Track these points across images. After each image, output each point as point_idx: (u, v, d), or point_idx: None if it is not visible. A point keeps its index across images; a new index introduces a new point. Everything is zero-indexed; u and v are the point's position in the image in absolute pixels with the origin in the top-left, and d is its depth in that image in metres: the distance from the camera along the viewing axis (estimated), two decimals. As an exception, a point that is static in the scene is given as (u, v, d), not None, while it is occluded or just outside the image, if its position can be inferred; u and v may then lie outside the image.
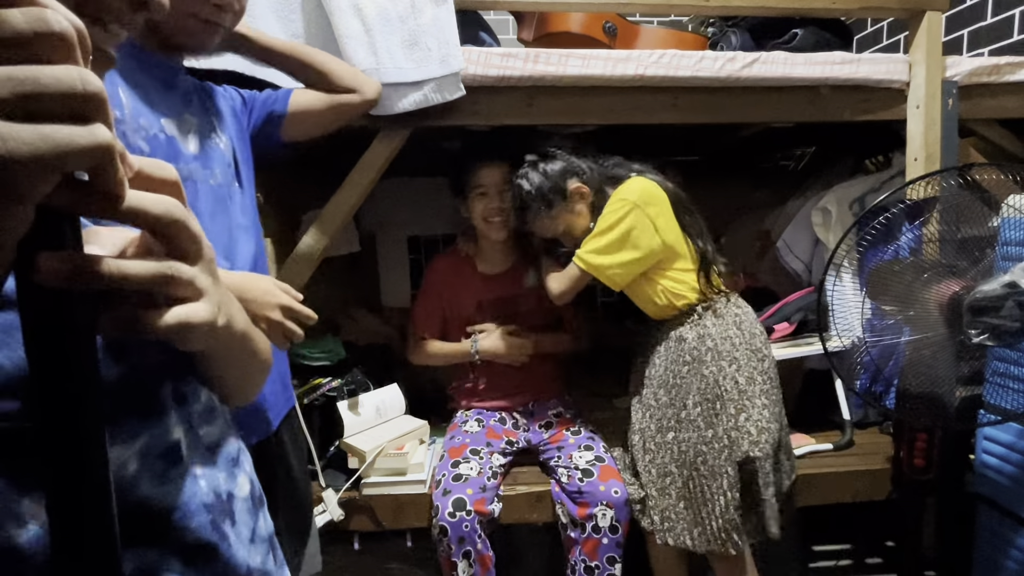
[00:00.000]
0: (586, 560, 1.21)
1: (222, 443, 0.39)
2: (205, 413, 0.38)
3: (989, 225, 1.13)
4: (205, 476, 0.36)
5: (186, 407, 0.37)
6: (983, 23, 1.78)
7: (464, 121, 1.26)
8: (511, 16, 1.86)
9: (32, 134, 0.21)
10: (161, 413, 0.34)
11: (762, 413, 1.15)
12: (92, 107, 0.23)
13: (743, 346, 1.19)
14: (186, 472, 0.35)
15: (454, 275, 1.50)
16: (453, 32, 1.16)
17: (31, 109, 0.21)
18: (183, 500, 0.34)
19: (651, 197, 1.20)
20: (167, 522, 0.33)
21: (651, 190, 1.21)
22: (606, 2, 1.34)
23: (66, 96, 0.22)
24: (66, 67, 0.22)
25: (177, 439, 0.35)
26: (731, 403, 1.15)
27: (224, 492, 0.38)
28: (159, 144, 0.74)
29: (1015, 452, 1.19)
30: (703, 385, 1.17)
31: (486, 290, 1.48)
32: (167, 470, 0.34)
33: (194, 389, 0.38)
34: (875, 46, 2.21)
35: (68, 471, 0.26)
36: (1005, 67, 1.38)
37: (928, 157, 1.34)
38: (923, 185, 1.17)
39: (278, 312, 0.74)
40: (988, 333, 0.94)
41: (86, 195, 0.24)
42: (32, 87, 0.21)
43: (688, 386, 1.19)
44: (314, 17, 1.14)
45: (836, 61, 1.32)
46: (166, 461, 0.34)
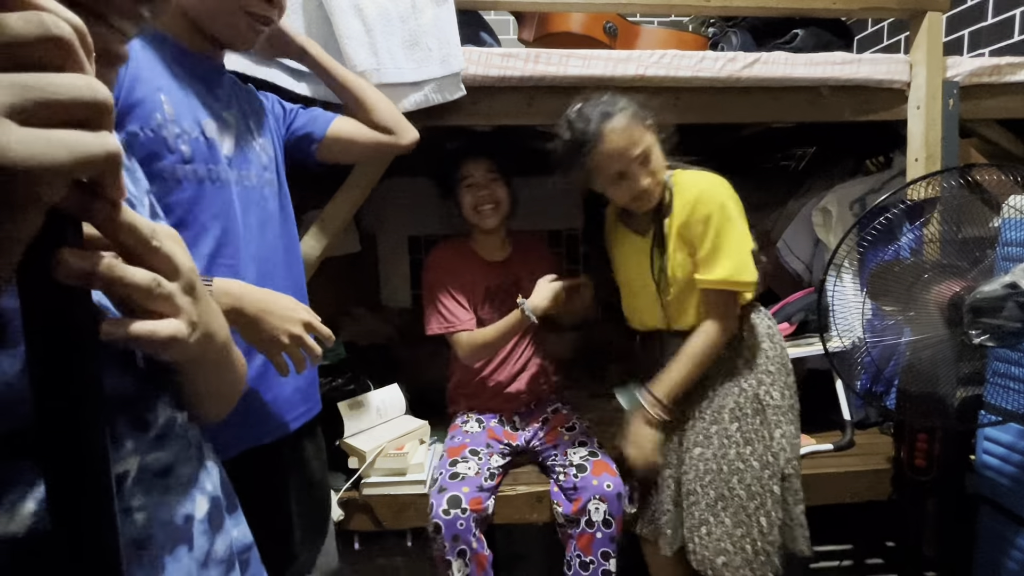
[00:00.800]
0: (581, 555, 1.21)
1: (175, 466, 0.38)
2: (157, 439, 0.37)
3: (990, 226, 1.13)
4: (146, 508, 0.35)
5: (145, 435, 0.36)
6: (984, 23, 1.78)
7: (465, 121, 1.26)
8: (512, 16, 1.86)
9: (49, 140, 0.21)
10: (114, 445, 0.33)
11: (790, 428, 1.12)
12: (100, 114, 0.23)
13: (776, 358, 1.14)
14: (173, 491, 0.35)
15: (457, 262, 1.44)
16: (454, 32, 1.16)
17: (42, 116, 0.21)
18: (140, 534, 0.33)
19: (728, 191, 1.09)
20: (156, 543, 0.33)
21: (722, 184, 1.10)
22: (607, 2, 1.34)
23: (75, 104, 0.22)
24: (75, 75, 0.22)
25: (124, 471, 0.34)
26: (771, 418, 1.10)
27: (181, 516, 0.37)
28: (199, 147, 0.74)
29: (1016, 452, 1.19)
30: (743, 399, 1.11)
31: (492, 276, 1.44)
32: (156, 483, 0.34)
33: (154, 415, 0.37)
34: (876, 46, 2.21)
35: (69, 473, 0.26)
36: (1006, 67, 1.38)
37: (929, 157, 1.34)
38: (924, 185, 1.17)
39: (300, 327, 0.74)
40: (989, 334, 0.94)
41: (90, 200, 0.25)
42: (41, 95, 0.21)
43: (723, 400, 1.12)
44: (315, 17, 1.14)
45: (837, 61, 1.32)
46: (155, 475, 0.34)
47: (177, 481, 0.38)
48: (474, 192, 1.38)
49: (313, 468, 0.94)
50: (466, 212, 1.40)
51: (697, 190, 1.08)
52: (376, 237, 2.18)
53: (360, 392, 1.44)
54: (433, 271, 1.44)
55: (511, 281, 1.46)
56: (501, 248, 1.48)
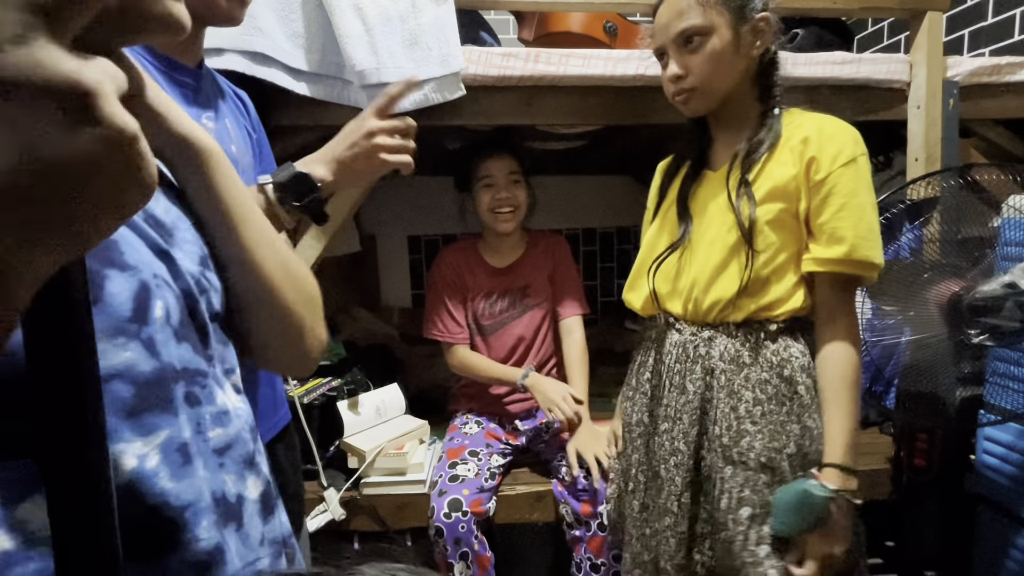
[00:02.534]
0: (592, 558, 1.22)
1: (233, 445, 0.40)
2: (218, 415, 0.39)
3: (990, 225, 1.13)
4: (207, 479, 0.36)
5: (198, 409, 0.37)
6: (984, 23, 1.78)
7: (464, 121, 1.26)
8: (512, 16, 1.86)
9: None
10: (176, 412, 0.35)
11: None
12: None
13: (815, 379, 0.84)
14: (195, 472, 0.35)
15: (463, 267, 1.44)
16: (453, 32, 1.16)
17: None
18: (193, 498, 0.35)
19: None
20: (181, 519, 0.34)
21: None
22: (607, 2, 1.34)
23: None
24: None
25: (186, 439, 0.35)
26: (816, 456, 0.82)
27: (232, 495, 0.38)
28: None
29: (1015, 452, 1.19)
30: (803, 435, 0.82)
31: (495, 283, 1.43)
32: (183, 465, 0.34)
33: (208, 393, 0.38)
34: (876, 46, 2.21)
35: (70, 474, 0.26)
36: (1006, 67, 1.38)
37: (929, 157, 1.34)
38: (923, 185, 1.17)
39: (380, 136, 0.74)
40: (988, 333, 0.94)
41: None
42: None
43: (785, 432, 0.82)
44: (314, 17, 1.14)
45: (837, 61, 1.31)
46: (182, 456, 0.35)
47: (234, 460, 0.39)
48: (493, 193, 1.34)
49: (288, 478, 0.93)
50: (482, 213, 1.37)
51: (831, 129, 0.80)
52: (376, 237, 2.18)
53: (360, 392, 1.44)
54: (436, 276, 1.45)
55: (518, 287, 1.44)
56: (512, 251, 1.45)
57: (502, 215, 1.35)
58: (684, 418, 0.87)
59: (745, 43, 0.81)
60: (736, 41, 0.80)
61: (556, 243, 1.51)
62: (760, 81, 0.85)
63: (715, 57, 0.80)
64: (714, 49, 0.80)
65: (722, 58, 0.80)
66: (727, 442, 0.84)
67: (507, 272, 1.45)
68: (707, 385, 0.86)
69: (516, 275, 1.45)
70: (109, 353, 0.32)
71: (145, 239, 0.36)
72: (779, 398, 0.83)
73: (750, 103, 0.86)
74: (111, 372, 0.32)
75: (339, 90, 1.18)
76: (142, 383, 0.33)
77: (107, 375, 0.31)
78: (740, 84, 0.84)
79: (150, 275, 0.35)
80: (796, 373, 0.83)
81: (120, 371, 0.32)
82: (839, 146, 0.79)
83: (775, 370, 0.83)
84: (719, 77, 0.82)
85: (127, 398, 0.32)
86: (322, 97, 1.17)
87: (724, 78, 0.82)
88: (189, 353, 0.37)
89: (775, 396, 0.83)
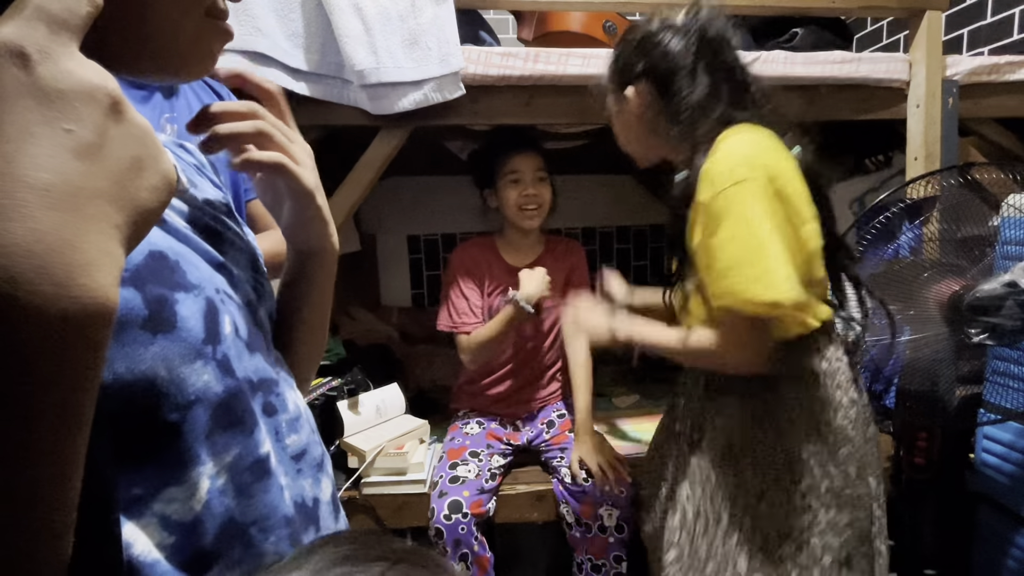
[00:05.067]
0: (592, 559, 1.22)
1: (308, 449, 0.40)
2: (292, 422, 0.39)
3: (989, 224, 1.13)
4: (289, 487, 0.37)
5: (275, 417, 0.38)
6: (983, 22, 1.78)
7: (464, 120, 1.26)
8: (511, 15, 1.86)
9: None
10: (253, 426, 0.35)
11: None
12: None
13: (845, 439, 0.84)
14: (272, 485, 0.36)
15: (479, 263, 1.43)
16: (453, 31, 1.16)
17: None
18: (264, 514, 0.35)
19: (772, 160, 0.77)
20: (246, 535, 0.34)
21: (768, 150, 0.77)
22: (606, 1, 1.34)
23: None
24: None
25: (266, 452, 0.36)
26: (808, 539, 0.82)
27: (310, 499, 0.39)
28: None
29: (1015, 451, 1.19)
30: (770, 500, 0.82)
31: (512, 280, 1.39)
32: (252, 484, 0.35)
33: (282, 400, 0.39)
34: (875, 45, 2.21)
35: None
36: (1005, 66, 1.38)
37: (928, 156, 1.34)
38: (923, 184, 1.17)
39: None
40: (988, 332, 0.94)
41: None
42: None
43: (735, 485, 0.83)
44: (314, 16, 1.14)
45: (836, 60, 1.31)
46: (252, 474, 0.35)
47: (309, 464, 0.40)
48: (520, 190, 1.33)
49: None
50: (508, 209, 1.36)
51: (708, 167, 0.76)
52: (376, 236, 2.18)
53: (360, 392, 1.44)
54: (454, 267, 1.43)
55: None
56: (531, 250, 1.44)
57: (528, 211, 1.34)
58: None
59: (625, 114, 0.90)
60: (619, 115, 0.92)
61: (574, 248, 1.49)
62: (669, 129, 0.85)
63: (616, 131, 0.95)
64: (614, 125, 0.94)
65: (618, 130, 0.94)
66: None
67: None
68: None
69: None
70: (190, 379, 0.31)
71: (202, 254, 0.36)
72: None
73: (682, 151, 0.84)
74: (192, 398, 0.32)
75: (339, 90, 1.17)
76: (217, 404, 0.33)
77: (188, 401, 0.31)
78: (655, 141, 0.89)
79: (213, 291, 0.35)
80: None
81: (200, 395, 0.32)
82: (704, 189, 0.77)
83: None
84: (625, 142, 0.95)
85: (206, 421, 0.33)
86: (322, 97, 1.17)
87: (630, 141, 0.94)
88: (261, 362, 0.37)
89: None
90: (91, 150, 0.21)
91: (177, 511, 0.31)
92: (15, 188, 0.19)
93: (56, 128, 0.20)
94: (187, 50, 0.33)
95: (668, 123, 0.85)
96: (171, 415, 0.31)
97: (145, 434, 0.30)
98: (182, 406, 0.31)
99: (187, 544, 0.31)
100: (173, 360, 0.30)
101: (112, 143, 0.22)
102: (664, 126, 0.85)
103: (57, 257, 0.19)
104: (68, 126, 0.21)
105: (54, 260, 0.19)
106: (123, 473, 0.29)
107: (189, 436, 0.31)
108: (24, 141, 0.20)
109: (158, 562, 0.30)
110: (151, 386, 0.30)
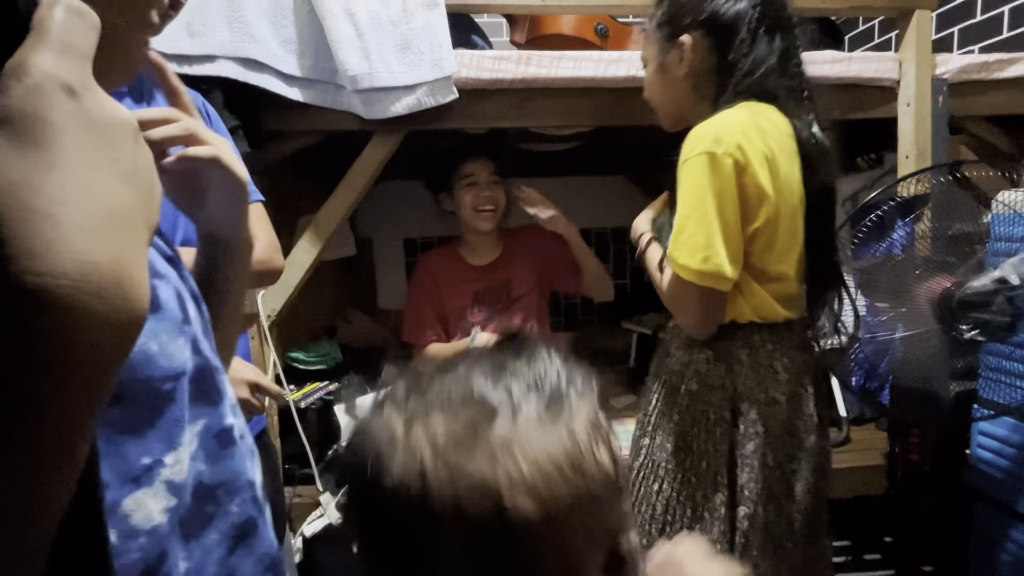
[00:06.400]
0: None
1: (245, 435, 0.43)
2: (234, 407, 0.43)
3: (980, 221, 1.14)
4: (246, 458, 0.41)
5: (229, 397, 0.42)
6: (973, 20, 1.79)
7: (457, 124, 1.26)
8: (503, 19, 1.86)
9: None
10: (219, 400, 0.39)
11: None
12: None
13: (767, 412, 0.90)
14: (235, 452, 0.40)
15: (446, 270, 1.49)
16: (445, 36, 1.16)
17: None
18: (230, 478, 0.39)
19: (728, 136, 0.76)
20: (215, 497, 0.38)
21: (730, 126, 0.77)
22: (598, 4, 1.34)
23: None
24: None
25: (230, 424, 0.40)
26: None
27: (245, 480, 0.42)
28: None
29: (1009, 447, 1.19)
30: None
31: (479, 280, 1.47)
32: (219, 450, 0.39)
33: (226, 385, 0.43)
34: (867, 44, 2.23)
35: None
36: (994, 64, 1.39)
37: (919, 154, 1.35)
38: (914, 182, 1.17)
39: (245, 389, 0.78)
40: (979, 328, 0.95)
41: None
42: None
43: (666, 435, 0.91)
44: (307, 22, 1.14)
45: (827, 60, 1.32)
46: (219, 442, 0.39)
47: (247, 448, 0.43)
48: (475, 192, 1.39)
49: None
50: (465, 212, 1.41)
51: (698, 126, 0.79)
52: (371, 240, 2.18)
53: (356, 396, 1.44)
54: (416, 279, 1.51)
55: (500, 282, 1.47)
56: (491, 250, 1.49)
57: (484, 213, 1.40)
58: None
59: (671, 67, 0.85)
60: (664, 67, 0.87)
61: (532, 233, 1.50)
62: (711, 92, 0.84)
63: (651, 83, 0.90)
64: (649, 76, 0.90)
65: (655, 83, 0.89)
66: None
67: (488, 269, 1.48)
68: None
69: (498, 270, 1.48)
70: (176, 353, 0.35)
71: (158, 248, 0.39)
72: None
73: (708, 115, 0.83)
74: (180, 370, 0.35)
75: (332, 95, 1.18)
76: (194, 377, 0.37)
77: (177, 373, 0.35)
78: (693, 102, 0.86)
79: (176, 281, 0.38)
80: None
81: (184, 368, 0.36)
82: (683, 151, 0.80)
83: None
84: (660, 99, 0.90)
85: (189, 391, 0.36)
86: (315, 102, 1.18)
87: (665, 99, 0.89)
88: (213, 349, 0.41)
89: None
90: (130, 176, 0.24)
91: (178, 473, 0.34)
92: (97, 213, 0.21)
93: (107, 157, 0.23)
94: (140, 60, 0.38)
95: (714, 83, 0.82)
96: (166, 385, 0.34)
97: (148, 402, 0.34)
98: (173, 376, 0.34)
99: (180, 505, 0.35)
100: (162, 336, 0.34)
101: (139, 169, 0.24)
102: (707, 85, 0.83)
103: (127, 273, 0.22)
104: (113, 155, 0.23)
105: (124, 276, 0.22)
106: (133, 445, 0.32)
107: (180, 404, 0.35)
108: (92, 171, 0.22)
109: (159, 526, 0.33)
110: (147, 358, 0.33)
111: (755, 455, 0.84)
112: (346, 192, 1.25)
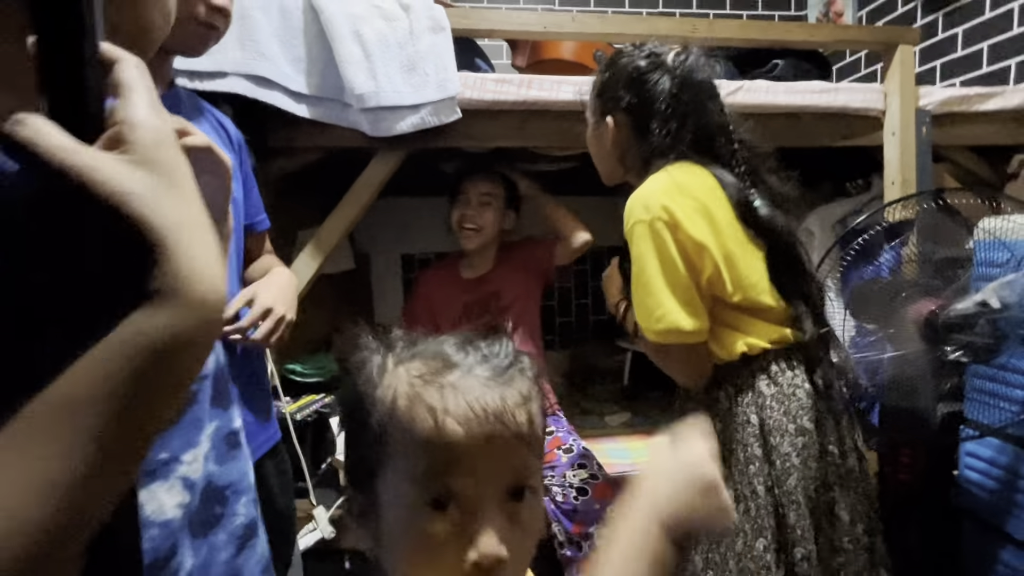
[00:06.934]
0: None
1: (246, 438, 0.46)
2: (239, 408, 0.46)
3: (964, 247, 1.17)
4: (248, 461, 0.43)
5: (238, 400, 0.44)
6: (955, 55, 1.87)
7: (459, 143, 1.30)
8: (506, 44, 1.92)
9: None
10: (228, 406, 0.42)
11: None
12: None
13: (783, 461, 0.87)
14: (241, 455, 0.42)
15: (440, 284, 1.57)
16: (450, 58, 1.20)
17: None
18: (236, 479, 0.41)
19: (656, 201, 0.82)
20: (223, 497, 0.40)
21: (657, 192, 0.83)
22: (596, 32, 1.39)
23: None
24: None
25: (238, 427, 0.42)
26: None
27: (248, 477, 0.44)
28: None
29: (995, 467, 1.21)
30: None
31: (470, 292, 1.54)
32: (227, 452, 0.41)
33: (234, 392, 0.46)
34: (854, 74, 2.31)
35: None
36: (975, 97, 1.45)
37: (904, 181, 1.40)
38: (900, 207, 1.22)
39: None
40: (963, 350, 0.98)
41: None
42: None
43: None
44: (316, 42, 1.18)
45: (815, 90, 1.38)
46: (228, 444, 0.41)
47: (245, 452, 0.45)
48: (462, 211, 1.47)
49: (276, 498, 0.92)
50: (454, 227, 1.50)
51: (630, 198, 0.85)
52: (370, 255, 2.20)
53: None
54: (412, 294, 1.59)
55: (489, 294, 1.53)
56: (485, 263, 1.56)
57: (466, 231, 1.47)
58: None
59: (602, 136, 0.93)
60: (596, 135, 0.95)
61: (524, 243, 1.58)
62: (636, 163, 0.90)
63: (588, 141, 0.98)
64: (588, 134, 0.97)
65: (591, 143, 0.98)
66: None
67: (479, 281, 1.55)
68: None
69: (488, 282, 1.54)
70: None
71: None
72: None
73: (638, 178, 0.90)
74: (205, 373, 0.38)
75: (339, 112, 1.21)
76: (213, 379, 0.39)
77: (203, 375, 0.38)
78: (624, 168, 0.94)
79: None
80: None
81: (208, 371, 0.38)
82: (625, 222, 0.86)
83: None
84: (596, 157, 0.98)
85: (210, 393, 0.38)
86: (321, 119, 1.21)
87: (600, 158, 0.97)
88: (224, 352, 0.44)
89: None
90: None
91: (194, 471, 0.36)
92: (212, 236, 0.27)
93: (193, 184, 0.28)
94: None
95: (635, 156, 0.91)
96: (193, 386, 0.37)
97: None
98: (199, 377, 0.37)
99: (193, 502, 0.36)
100: None
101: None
102: (632, 157, 0.92)
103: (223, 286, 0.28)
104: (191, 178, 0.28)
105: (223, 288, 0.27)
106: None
107: (202, 405, 0.37)
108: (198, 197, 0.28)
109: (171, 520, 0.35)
110: None
111: (797, 490, 0.80)
112: (348, 208, 1.27)
